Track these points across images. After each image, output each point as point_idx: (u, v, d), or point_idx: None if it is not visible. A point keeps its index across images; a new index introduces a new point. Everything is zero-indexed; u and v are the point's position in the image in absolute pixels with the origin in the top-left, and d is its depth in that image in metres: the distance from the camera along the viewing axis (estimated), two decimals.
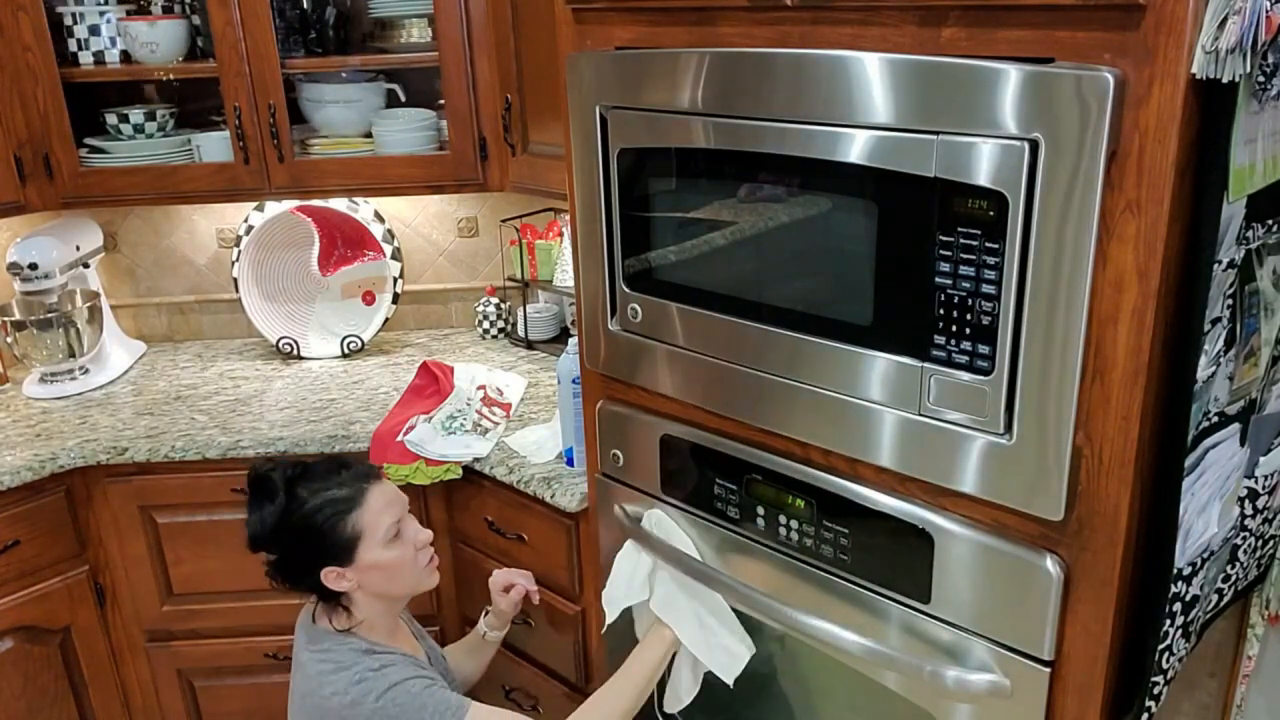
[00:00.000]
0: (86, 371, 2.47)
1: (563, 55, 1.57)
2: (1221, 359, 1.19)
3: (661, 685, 1.73)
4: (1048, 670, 1.26)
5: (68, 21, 2.30)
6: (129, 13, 2.33)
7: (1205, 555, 1.28)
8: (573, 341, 1.82)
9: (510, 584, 1.90)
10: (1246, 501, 1.34)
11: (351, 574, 1.57)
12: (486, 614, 1.94)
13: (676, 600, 1.65)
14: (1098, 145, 1.04)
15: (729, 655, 1.61)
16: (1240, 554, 1.38)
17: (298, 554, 1.56)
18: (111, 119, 2.37)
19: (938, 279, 1.20)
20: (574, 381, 1.85)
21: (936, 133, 1.15)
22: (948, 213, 1.16)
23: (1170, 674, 1.31)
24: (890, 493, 1.36)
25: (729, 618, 1.63)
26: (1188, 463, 1.18)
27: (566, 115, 1.58)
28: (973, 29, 1.13)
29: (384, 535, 1.57)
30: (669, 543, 1.64)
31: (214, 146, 2.36)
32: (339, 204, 2.52)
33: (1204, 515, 1.25)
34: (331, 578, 1.56)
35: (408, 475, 2.06)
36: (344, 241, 2.61)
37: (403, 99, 2.45)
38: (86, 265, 2.52)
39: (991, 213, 1.13)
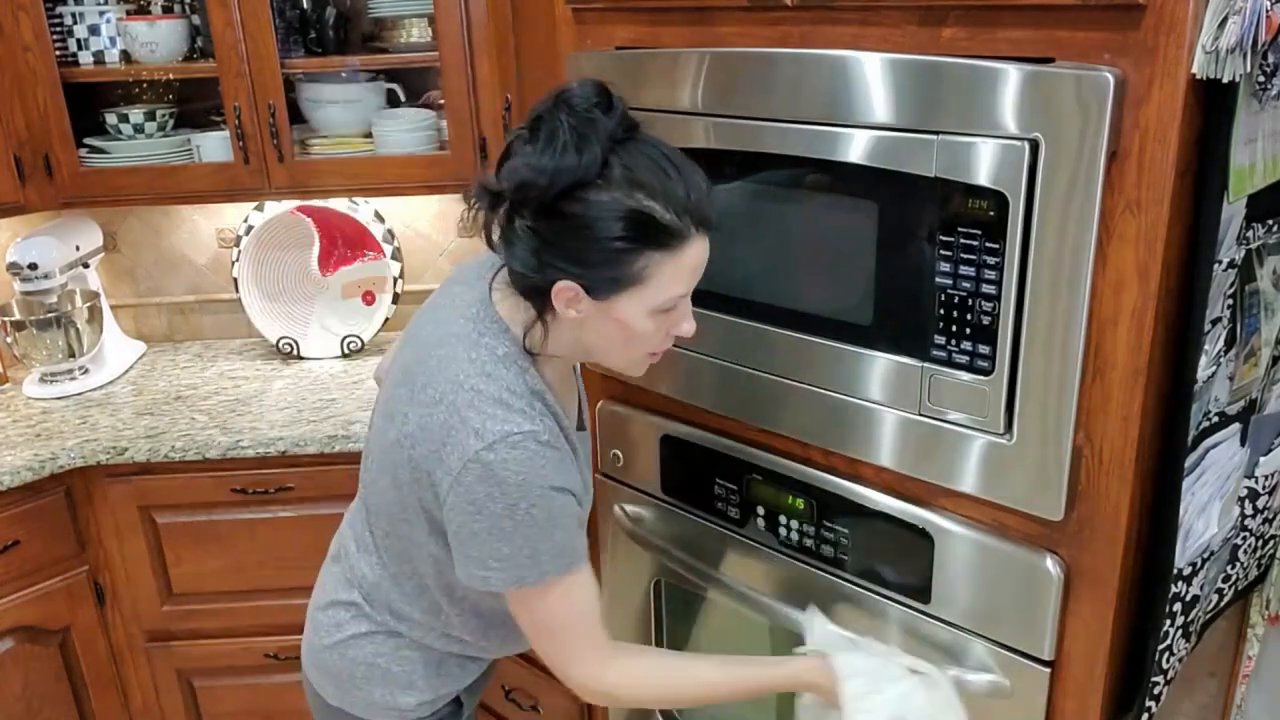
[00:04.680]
0: (86, 371, 2.47)
1: (563, 55, 1.57)
2: (1222, 359, 1.19)
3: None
4: (1048, 670, 1.26)
5: (68, 21, 2.30)
6: (129, 13, 2.33)
7: (1205, 555, 1.28)
8: None
9: None
10: (1246, 501, 1.34)
11: (589, 309, 1.15)
12: None
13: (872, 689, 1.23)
14: (1098, 145, 1.04)
15: None
16: (1240, 554, 1.38)
17: (555, 243, 1.11)
18: (111, 119, 2.37)
19: (938, 279, 1.20)
20: None
21: (936, 133, 1.15)
22: (948, 213, 1.16)
23: (1170, 674, 1.31)
24: (890, 493, 1.36)
25: None
26: (1188, 463, 1.18)
27: None
28: (973, 29, 1.13)
29: (661, 302, 1.15)
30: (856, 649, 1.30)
31: (214, 146, 2.35)
32: (339, 204, 2.51)
33: (1204, 515, 1.25)
34: (565, 297, 1.13)
35: None
36: (344, 241, 2.61)
37: (402, 99, 2.45)
38: (86, 265, 2.52)
39: (991, 213, 1.13)
